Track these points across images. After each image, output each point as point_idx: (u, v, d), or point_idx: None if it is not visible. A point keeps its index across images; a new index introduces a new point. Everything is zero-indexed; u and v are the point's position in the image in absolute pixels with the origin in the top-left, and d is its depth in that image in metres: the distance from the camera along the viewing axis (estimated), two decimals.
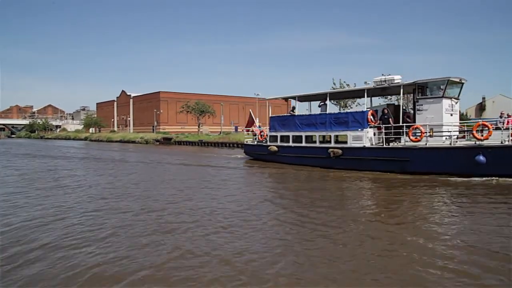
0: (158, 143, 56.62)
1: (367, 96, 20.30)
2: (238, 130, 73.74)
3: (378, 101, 29.94)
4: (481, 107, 63.78)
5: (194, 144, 49.71)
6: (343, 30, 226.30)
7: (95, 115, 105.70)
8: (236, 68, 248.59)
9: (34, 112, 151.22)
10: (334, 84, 41.73)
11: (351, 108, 37.80)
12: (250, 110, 29.70)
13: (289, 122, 22.40)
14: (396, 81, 17.88)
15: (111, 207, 10.26)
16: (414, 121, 17.31)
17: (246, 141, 27.63)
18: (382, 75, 18.77)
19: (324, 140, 20.35)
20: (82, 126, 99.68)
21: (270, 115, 24.61)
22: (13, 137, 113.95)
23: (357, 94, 23.44)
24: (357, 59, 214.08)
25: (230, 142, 43.59)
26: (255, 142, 25.94)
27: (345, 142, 19.13)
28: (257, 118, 27.19)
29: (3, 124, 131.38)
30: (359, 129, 18.28)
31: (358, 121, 18.44)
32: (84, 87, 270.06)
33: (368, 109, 18.93)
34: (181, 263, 5.98)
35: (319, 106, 22.28)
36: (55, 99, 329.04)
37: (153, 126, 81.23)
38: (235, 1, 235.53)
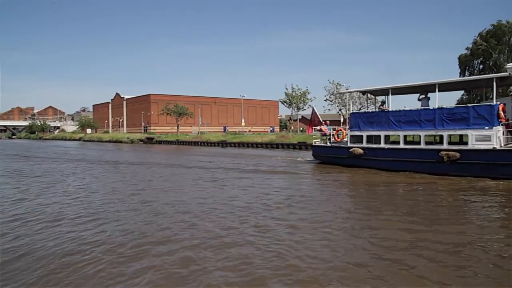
0: (142, 142, 61.45)
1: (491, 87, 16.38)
2: (227, 129, 78.71)
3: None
4: None
5: (172, 143, 54.45)
6: (343, 30, 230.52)
7: (91, 117, 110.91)
8: (233, 68, 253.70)
9: (34, 114, 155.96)
10: (287, 89, 46.14)
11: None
12: (313, 106, 25.88)
13: (380, 119, 18.92)
14: None
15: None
16: None
17: (315, 142, 23.40)
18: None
19: (432, 140, 17.78)
20: (77, 127, 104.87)
21: (351, 112, 21.97)
22: (13, 138, 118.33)
23: (476, 84, 19.93)
24: (357, 59, 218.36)
25: (201, 141, 48.32)
26: (328, 143, 22.12)
27: (464, 143, 16.52)
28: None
29: (4, 126, 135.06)
30: (486, 127, 15.23)
31: (485, 117, 15.36)
32: (84, 88, 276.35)
33: (498, 103, 15.62)
34: None
35: (419, 99, 19.37)
36: (56, 100, 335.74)
37: (144, 127, 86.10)
38: (234, 2, 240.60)
